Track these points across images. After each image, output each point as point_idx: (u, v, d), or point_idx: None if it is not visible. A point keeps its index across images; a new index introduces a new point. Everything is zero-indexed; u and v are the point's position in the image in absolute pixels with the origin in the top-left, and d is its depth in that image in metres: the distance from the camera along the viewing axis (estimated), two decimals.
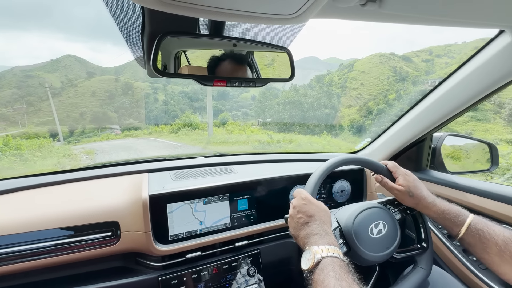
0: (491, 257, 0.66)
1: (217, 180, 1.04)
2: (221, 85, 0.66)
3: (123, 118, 40.52)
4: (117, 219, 0.86)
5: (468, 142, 1.37)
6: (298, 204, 0.72)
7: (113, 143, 18.81)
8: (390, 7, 0.55)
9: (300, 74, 77.40)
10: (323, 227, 0.65)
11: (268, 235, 1.09)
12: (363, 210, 0.81)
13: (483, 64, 0.87)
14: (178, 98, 41.27)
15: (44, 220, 0.81)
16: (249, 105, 47.03)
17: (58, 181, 1.01)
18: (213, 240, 0.96)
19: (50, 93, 28.99)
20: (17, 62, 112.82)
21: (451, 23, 0.67)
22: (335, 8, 0.55)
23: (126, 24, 0.63)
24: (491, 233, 0.67)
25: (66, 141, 23.80)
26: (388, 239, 0.79)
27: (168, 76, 0.65)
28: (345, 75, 42.76)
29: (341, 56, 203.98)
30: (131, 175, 1.09)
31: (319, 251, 0.58)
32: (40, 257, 0.78)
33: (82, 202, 0.90)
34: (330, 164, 0.85)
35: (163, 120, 35.79)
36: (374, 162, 0.89)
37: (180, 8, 0.49)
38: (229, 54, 0.75)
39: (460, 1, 0.56)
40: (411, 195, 0.80)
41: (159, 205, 0.91)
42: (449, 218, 0.74)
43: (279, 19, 0.56)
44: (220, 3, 0.50)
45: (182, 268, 0.93)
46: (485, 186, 1.02)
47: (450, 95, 1.02)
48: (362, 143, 1.59)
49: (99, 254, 0.85)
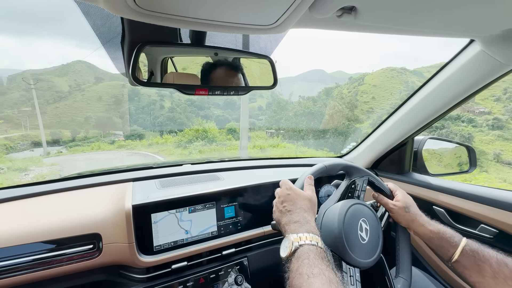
0: (486, 280, 0.65)
1: (204, 187, 1.03)
2: (203, 93, 0.66)
3: (127, 124, 40.21)
4: (99, 231, 0.84)
5: (447, 145, 1.42)
6: (282, 194, 0.74)
7: (98, 156, 16.31)
8: (365, 19, 0.57)
9: (306, 86, 77.71)
10: (303, 214, 0.66)
11: (256, 242, 1.09)
12: (350, 206, 0.80)
13: (456, 71, 0.92)
14: (184, 105, 40.69)
15: (21, 234, 0.78)
16: (256, 115, 47.00)
17: (36, 193, 0.98)
18: (199, 249, 0.95)
19: (35, 91, 26.87)
20: (30, 66, 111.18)
21: (424, 33, 0.70)
22: (312, 19, 0.57)
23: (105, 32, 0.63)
24: (485, 255, 0.67)
25: (56, 150, 21.93)
26: (374, 240, 0.80)
27: (148, 85, 0.65)
28: (355, 88, 41.81)
29: (348, 70, 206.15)
30: (115, 185, 1.07)
31: (297, 239, 0.58)
32: (18, 273, 0.75)
33: (61, 214, 0.87)
34: (328, 164, 0.84)
35: (168, 128, 34.53)
36: (377, 177, 0.90)
37: (159, 18, 0.49)
38: (224, 61, 0.76)
39: (432, 12, 0.59)
40: (407, 211, 0.80)
41: (143, 215, 0.89)
42: (445, 238, 0.73)
43: (258, 29, 0.57)
44: (200, 14, 0.50)
45: (167, 279, 0.91)
46: (465, 187, 1.06)
47: (427, 101, 1.06)
48: (347, 147, 1.62)
49: (81, 268, 0.82)
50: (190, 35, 0.66)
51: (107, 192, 1.00)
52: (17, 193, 0.95)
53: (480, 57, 0.82)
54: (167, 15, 0.49)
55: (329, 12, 0.53)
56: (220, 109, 48.21)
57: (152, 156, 15.36)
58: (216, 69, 0.78)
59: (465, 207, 1.02)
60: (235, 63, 0.84)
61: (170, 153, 16.28)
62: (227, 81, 0.82)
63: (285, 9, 0.49)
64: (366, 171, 0.89)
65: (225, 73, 0.79)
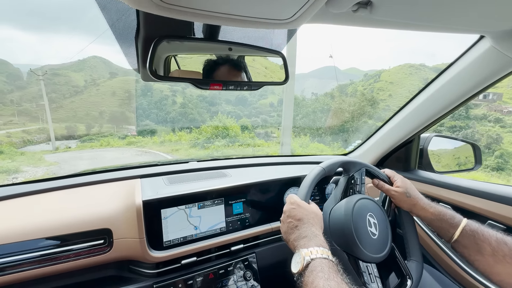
0: (485, 258, 0.67)
1: (212, 184, 1.03)
2: (217, 88, 0.66)
3: (140, 119, 40.41)
4: (110, 226, 0.84)
5: (453, 142, 1.42)
6: (287, 209, 0.73)
7: (104, 155, 14.74)
8: (380, 13, 0.58)
9: (318, 83, 76.91)
10: (311, 229, 0.65)
11: (264, 238, 1.09)
12: (358, 200, 0.81)
13: (465, 68, 0.92)
14: (196, 101, 40.52)
15: (32, 229, 0.78)
16: (268, 112, 46.55)
17: (47, 189, 0.98)
18: (208, 245, 0.95)
19: (43, 82, 25.29)
20: (48, 61, 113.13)
21: (436, 29, 0.70)
22: (328, 13, 0.57)
23: (120, 27, 0.63)
24: (484, 235, 0.69)
25: (65, 145, 21.26)
26: (384, 232, 0.81)
27: (164, 79, 0.65)
28: (371, 86, 39.69)
29: (361, 66, 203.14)
30: (122, 181, 1.07)
31: (308, 253, 0.58)
32: (28, 268, 0.75)
33: (72, 210, 0.87)
34: (325, 166, 0.84)
35: (180, 123, 34.01)
36: (372, 166, 0.91)
37: (177, 12, 0.49)
38: (226, 58, 0.75)
39: (444, 8, 0.59)
40: (408, 196, 0.82)
41: (153, 211, 0.89)
42: (445, 220, 0.75)
43: (274, 24, 0.57)
44: (216, 8, 0.51)
45: (177, 274, 0.91)
46: (471, 184, 1.06)
47: (435, 98, 1.06)
48: (352, 145, 1.62)
49: (91, 263, 0.82)
50: (203, 30, 0.67)
51: (116, 188, 1.01)
52: (28, 189, 0.95)
53: (490, 53, 0.82)
54: (184, 9, 0.49)
55: (346, 6, 0.53)
56: (232, 105, 48.08)
57: (163, 156, 13.71)
58: (219, 67, 0.77)
59: (472, 204, 1.03)
60: (238, 61, 0.83)
61: (186, 154, 14.12)
62: (229, 78, 0.81)
63: (303, 3, 0.49)
64: (361, 162, 0.89)
65: (228, 71, 0.79)
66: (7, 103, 43.91)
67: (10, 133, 30.40)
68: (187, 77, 0.75)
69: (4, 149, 13.07)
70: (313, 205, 0.75)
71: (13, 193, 0.93)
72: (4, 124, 35.06)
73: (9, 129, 31.67)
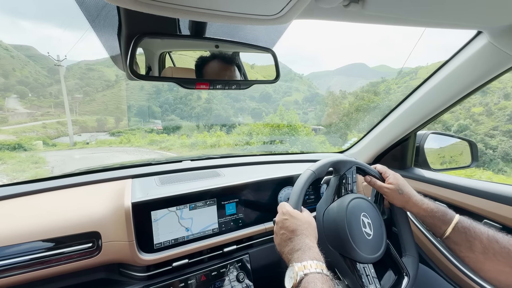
0: (475, 255, 0.67)
1: (204, 184, 1.01)
2: (203, 87, 0.63)
3: (166, 114, 41.57)
4: (98, 229, 0.82)
5: (450, 140, 1.41)
6: (279, 220, 0.71)
7: (116, 159, 12.87)
8: (373, 8, 0.55)
9: (345, 80, 75.48)
10: (305, 241, 0.63)
11: (257, 239, 1.08)
12: (352, 199, 0.80)
13: (462, 64, 0.89)
14: (220, 97, 40.60)
15: (18, 233, 0.76)
16: (294, 109, 46.51)
17: (34, 191, 0.95)
18: (200, 246, 0.93)
19: (61, 69, 22.94)
20: (84, 57, 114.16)
21: (432, 25, 0.68)
22: (318, 8, 0.54)
23: (101, 24, 0.60)
24: (476, 232, 0.69)
25: (83, 141, 20.97)
26: (378, 232, 0.80)
27: (147, 79, 0.62)
28: (406, 83, 38.04)
29: (392, 64, 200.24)
30: (113, 182, 1.05)
31: (302, 267, 0.57)
32: (16, 273, 0.73)
33: (60, 212, 0.85)
34: (315, 169, 0.81)
35: (204, 119, 33.74)
36: (362, 163, 0.89)
37: (158, 8, 0.47)
38: (217, 54, 0.73)
39: (440, 3, 0.57)
40: (400, 193, 0.82)
41: (143, 213, 0.87)
42: (437, 216, 0.75)
43: (261, 20, 0.54)
44: (200, 3, 0.48)
45: (168, 277, 0.89)
46: (468, 182, 1.05)
47: (432, 95, 1.04)
48: (349, 143, 1.60)
49: (80, 267, 0.81)
50: (189, 26, 0.64)
51: (106, 190, 0.98)
52: (13, 191, 0.93)
53: (487, 49, 0.80)
54: (166, 4, 0.46)
55: (336, 1, 0.51)
56: (256, 102, 48.22)
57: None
58: (210, 62, 0.75)
59: (468, 202, 1.01)
60: (230, 55, 0.81)
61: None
62: (222, 74, 0.79)
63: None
64: (351, 160, 0.87)
65: (219, 66, 0.77)
66: (47, 95, 47.62)
67: (45, 124, 32.93)
68: (175, 76, 0.72)
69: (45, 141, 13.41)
70: (305, 214, 0.72)
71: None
72: (42, 115, 37.84)
73: (45, 120, 34.57)
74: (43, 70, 56.57)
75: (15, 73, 58.01)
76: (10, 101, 45.60)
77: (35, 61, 64.79)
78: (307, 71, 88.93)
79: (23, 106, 43.67)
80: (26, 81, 54.64)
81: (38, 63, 63.62)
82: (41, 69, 59.40)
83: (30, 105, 43.62)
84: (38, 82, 54.94)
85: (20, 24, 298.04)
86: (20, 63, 63.75)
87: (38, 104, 43.47)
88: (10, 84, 52.64)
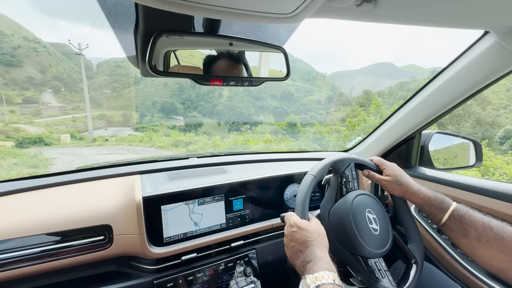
0: (470, 241, 0.70)
1: (212, 180, 1.03)
2: (217, 84, 0.65)
3: (188, 110, 42.69)
4: (110, 222, 0.84)
5: (454, 139, 1.42)
6: (288, 233, 0.70)
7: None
8: (384, 8, 0.56)
9: (370, 80, 73.83)
10: (316, 252, 0.63)
11: (264, 235, 1.09)
12: (356, 196, 0.82)
13: (468, 64, 0.90)
14: (242, 95, 40.67)
15: (32, 225, 0.78)
16: (316, 109, 46.41)
17: (47, 185, 0.98)
18: (208, 241, 0.95)
19: (83, 59, 22.27)
20: (113, 55, 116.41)
21: (441, 24, 0.69)
22: (331, 8, 0.56)
23: (119, 21, 0.62)
24: (472, 219, 0.72)
25: (103, 138, 20.60)
26: (384, 226, 0.82)
27: (165, 75, 0.64)
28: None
29: (422, 63, 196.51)
30: (122, 177, 1.07)
31: (314, 279, 0.57)
32: (28, 264, 0.75)
33: (72, 206, 0.87)
34: (315, 173, 0.80)
35: (226, 117, 33.58)
36: (360, 158, 0.91)
37: (177, 6, 0.48)
38: (225, 52, 0.74)
39: (449, 3, 0.58)
40: (398, 184, 0.84)
41: (154, 207, 0.89)
42: (434, 205, 0.78)
43: (275, 18, 0.56)
44: (218, 1, 0.49)
45: (177, 270, 0.91)
46: (471, 181, 1.06)
47: (437, 94, 1.05)
48: (353, 142, 1.62)
49: (92, 259, 0.83)
50: (203, 24, 0.65)
51: (116, 184, 1.00)
52: (27, 184, 0.95)
53: (494, 49, 0.81)
54: (185, 2, 0.48)
55: (349, 0, 0.52)
56: (277, 101, 48.10)
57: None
58: (218, 60, 0.76)
59: (472, 201, 1.02)
60: (237, 54, 0.82)
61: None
62: (230, 72, 0.79)
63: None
64: (348, 157, 0.88)
65: (228, 64, 0.78)
66: (78, 90, 49.63)
67: (75, 118, 34.47)
68: (188, 73, 0.73)
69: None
70: (314, 223, 0.71)
71: (12, 189, 0.92)
72: (72, 109, 39.60)
73: (75, 114, 36.23)
74: (76, 67, 59.33)
75: (51, 69, 60.31)
76: (46, 95, 47.20)
77: (69, 58, 67.15)
78: (330, 69, 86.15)
79: (57, 100, 45.80)
80: (60, 77, 57.07)
81: (72, 60, 66.13)
82: (75, 65, 62.28)
83: (63, 99, 45.79)
84: (71, 78, 57.62)
85: (58, 23, 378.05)
86: (56, 59, 66.08)
87: (70, 99, 45.63)
88: (47, 80, 54.89)
